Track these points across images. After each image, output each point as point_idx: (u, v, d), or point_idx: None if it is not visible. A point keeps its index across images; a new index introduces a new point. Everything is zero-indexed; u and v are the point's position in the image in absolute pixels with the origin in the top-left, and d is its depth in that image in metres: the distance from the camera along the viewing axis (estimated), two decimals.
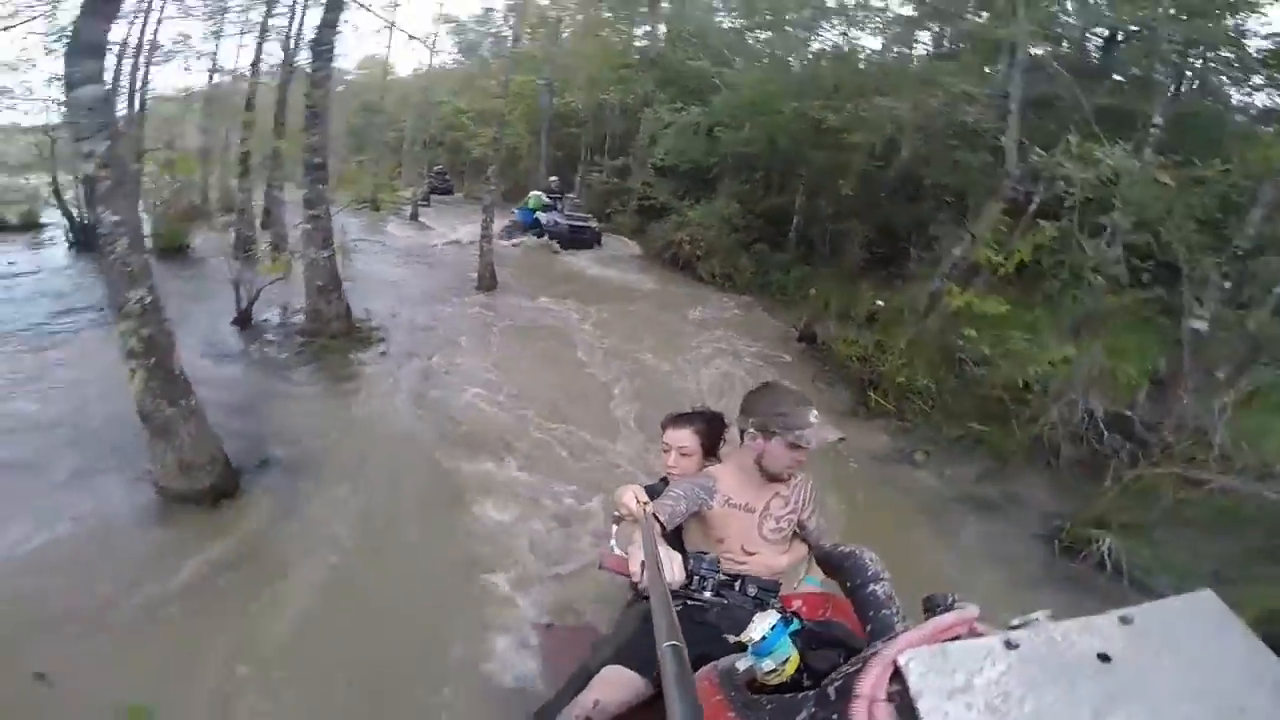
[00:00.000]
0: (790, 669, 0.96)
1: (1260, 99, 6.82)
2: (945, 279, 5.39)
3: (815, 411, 1.51)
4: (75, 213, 8.69)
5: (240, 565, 2.81)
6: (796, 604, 1.32)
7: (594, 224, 11.99)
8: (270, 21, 9.51)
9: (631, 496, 1.43)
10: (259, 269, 5.51)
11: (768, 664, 0.96)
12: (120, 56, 8.63)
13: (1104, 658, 0.61)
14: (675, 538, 1.63)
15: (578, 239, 11.55)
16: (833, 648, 1.02)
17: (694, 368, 6.14)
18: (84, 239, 8.69)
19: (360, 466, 3.69)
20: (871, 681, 0.66)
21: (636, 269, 10.96)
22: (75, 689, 2.13)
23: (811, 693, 0.83)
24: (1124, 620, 0.64)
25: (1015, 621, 0.68)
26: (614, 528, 1.53)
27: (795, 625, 1.01)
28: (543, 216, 11.68)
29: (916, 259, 6.79)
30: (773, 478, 1.56)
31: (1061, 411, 4.32)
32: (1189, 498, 3.53)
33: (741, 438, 1.61)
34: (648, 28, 16.32)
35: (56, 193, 8.77)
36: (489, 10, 19.66)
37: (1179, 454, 3.91)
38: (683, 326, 7.59)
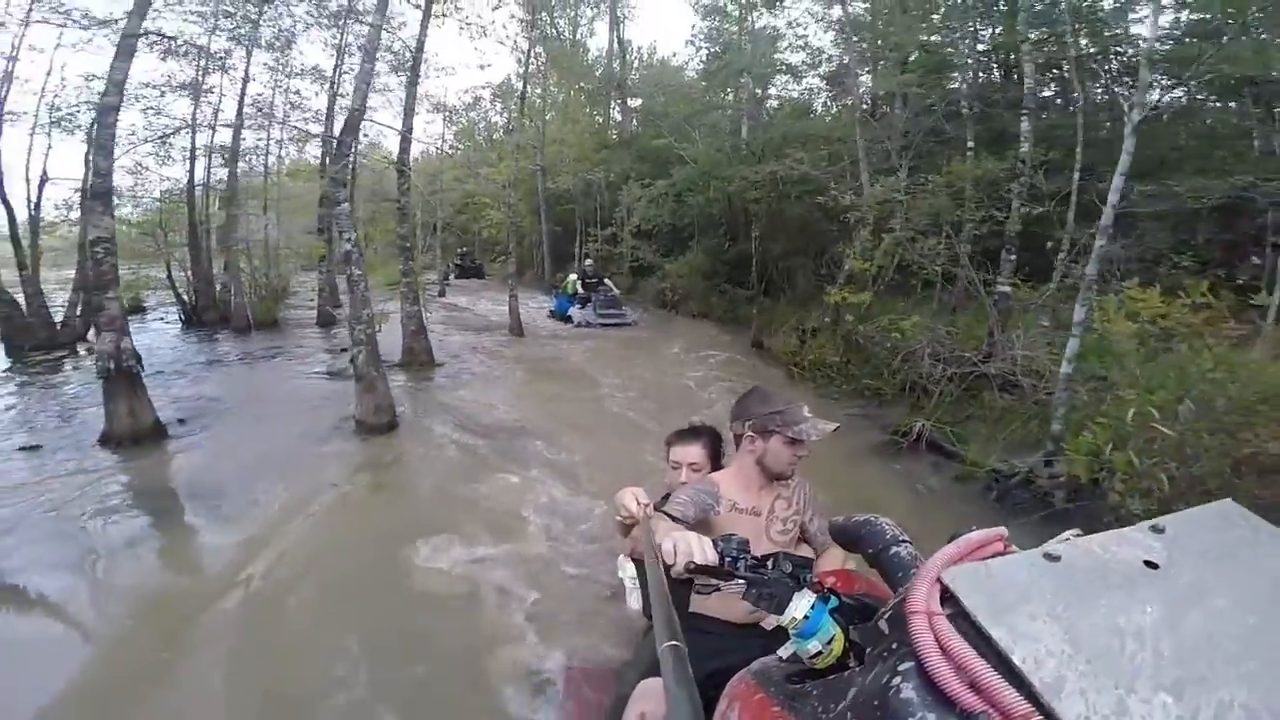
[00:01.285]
0: (838, 648, 0.91)
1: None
2: (840, 287, 7.78)
3: (807, 409, 1.55)
4: (186, 296, 11.26)
5: (393, 462, 5.00)
6: (830, 581, 1.24)
7: (629, 317, 11.90)
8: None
9: (632, 499, 1.42)
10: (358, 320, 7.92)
11: (814, 645, 0.92)
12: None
13: (1151, 564, 0.61)
14: None
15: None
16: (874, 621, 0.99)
17: (679, 370, 8.43)
18: (193, 317, 11.24)
19: (447, 418, 5.95)
20: (923, 596, 0.63)
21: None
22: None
23: (858, 667, 0.79)
24: (1156, 529, 0.65)
25: (1049, 544, 0.67)
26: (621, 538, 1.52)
27: (834, 602, 0.97)
28: (575, 313, 11.88)
29: (830, 278, 9.21)
30: (775, 477, 1.61)
31: (915, 362, 6.59)
32: (989, 402, 5.70)
33: (737, 442, 1.66)
34: (618, 116, 19.74)
35: (170, 280, 11.31)
36: (478, 99, 21.31)
37: (990, 378, 6.09)
38: (668, 350, 9.93)
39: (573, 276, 12.65)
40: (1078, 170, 6.91)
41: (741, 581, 1.01)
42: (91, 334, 9.52)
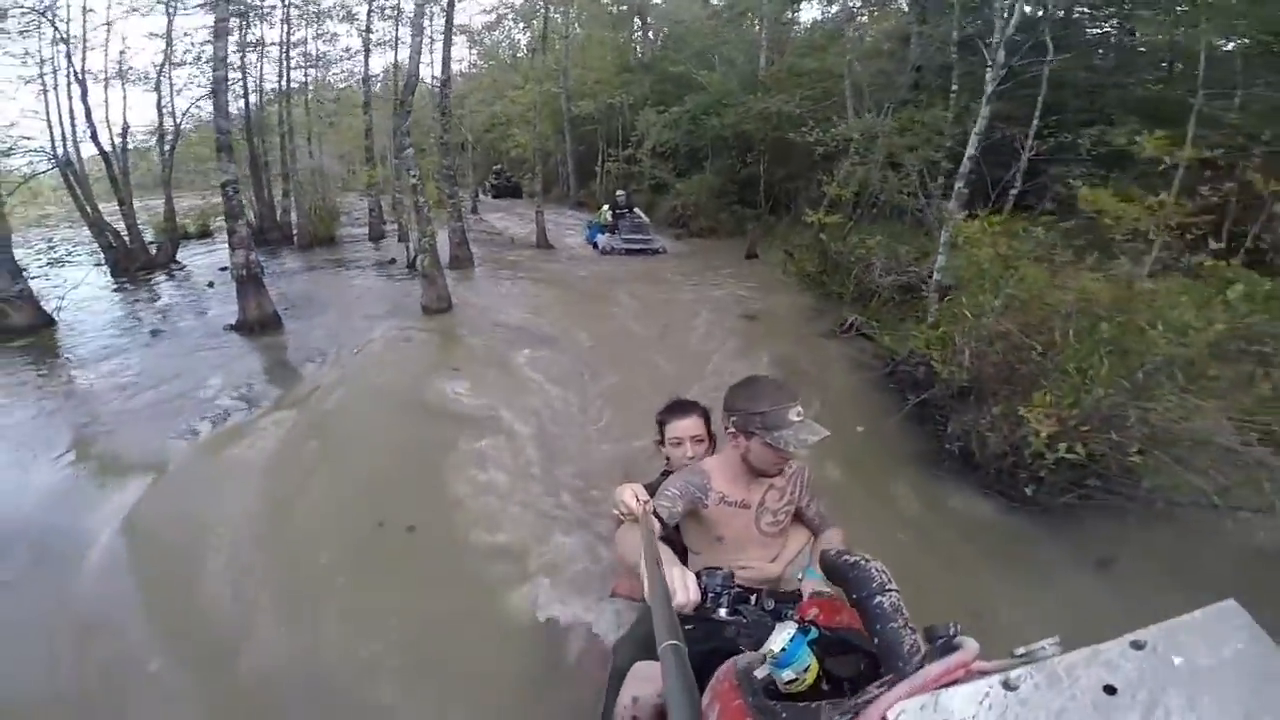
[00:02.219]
0: (811, 677, 0.98)
1: None
2: (824, 210, 9.02)
3: (798, 409, 1.48)
4: (251, 219, 13.00)
5: (444, 329, 6.75)
6: (813, 612, 1.32)
7: (656, 243, 11.97)
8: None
9: (631, 495, 1.45)
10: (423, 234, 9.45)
11: (788, 674, 0.98)
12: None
13: (1109, 690, 0.59)
14: (675, 535, 1.68)
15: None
16: (852, 653, 1.04)
17: (683, 276, 9.90)
18: (259, 237, 13.02)
19: (484, 301, 7.70)
20: None
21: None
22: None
23: (825, 703, 0.84)
24: (1136, 645, 0.63)
25: (1020, 650, 0.67)
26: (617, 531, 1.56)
27: (813, 634, 1.02)
28: (600, 239, 12.08)
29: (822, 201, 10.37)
30: (761, 474, 1.58)
31: (870, 273, 7.95)
32: (924, 306, 7.09)
33: (725, 435, 1.62)
34: (640, 34, 20.07)
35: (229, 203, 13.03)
36: (500, 18, 21.32)
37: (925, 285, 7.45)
38: (676, 260, 11.35)
39: (605, 208, 12.69)
40: (1036, 120, 7.84)
41: (723, 621, 1.07)
42: (180, 254, 11.51)
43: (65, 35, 10.50)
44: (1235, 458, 2.81)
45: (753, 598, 1.24)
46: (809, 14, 15.35)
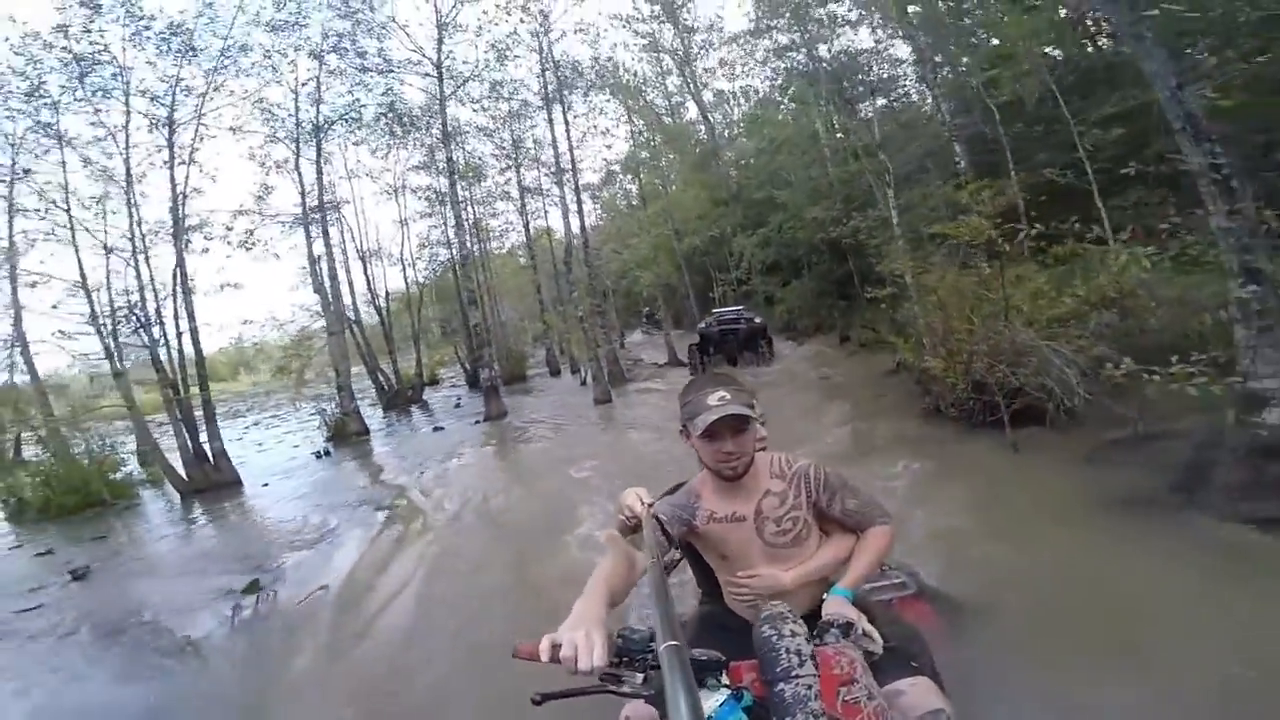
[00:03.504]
0: None
1: None
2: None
3: (721, 393, 1.38)
4: (467, 367, 18.18)
5: (614, 412, 10.08)
6: (748, 677, 1.15)
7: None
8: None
9: (635, 499, 1.46)
10: (591, 357, 13.44)
11: None
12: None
13: None
14: (692, 555, 1.62)
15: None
16: None
17: (803, 360, 12.72)
18: (475, 378, 18.06)
19: (634, 399, 11.03)
20: None
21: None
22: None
23: None
24: None
25: None
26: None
27: (747, 700, 0.97)
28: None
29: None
30: (729, 478, 1.44)
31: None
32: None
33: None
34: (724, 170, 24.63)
35: (458, 356, 18.34)
36: (611, 171, 24.78)
37: None
38: (790, 351, 14.20)
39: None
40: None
41: (637, 687, 0.97)
42: (425, 392, 16.55)
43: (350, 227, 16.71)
44: (1057, 369, 5.05)
45: None
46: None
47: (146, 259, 9.48)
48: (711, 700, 0.93)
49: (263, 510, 7.69)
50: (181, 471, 9.06)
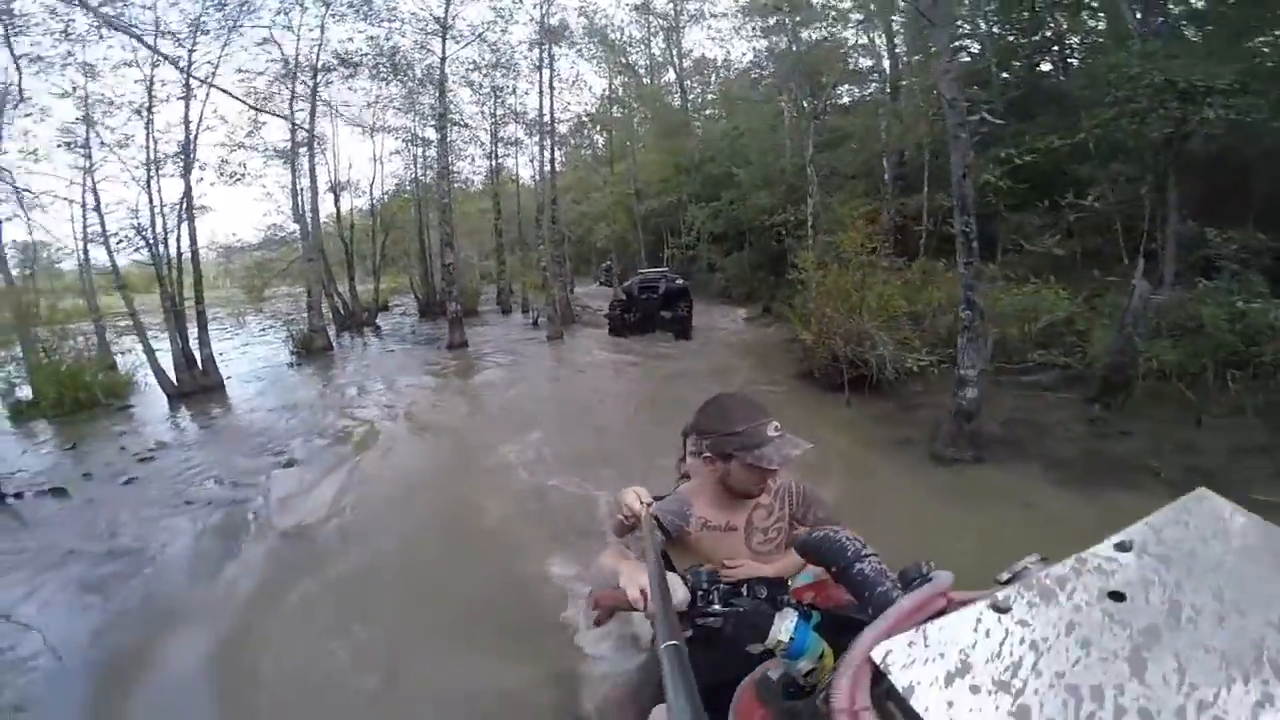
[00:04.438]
0: (829, 663, 0.95)
1: None
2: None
3: (775, 423, 1.47)
4: (422, 294, 19.43)
5: (565, 344, 11.97)
6: (809, 595, 1.30)
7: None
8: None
9: (634, 498, 1.50)
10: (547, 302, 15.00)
11: (804, 664, 0.96)
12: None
13: (1116, 596, 0.58)
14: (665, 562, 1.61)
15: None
16: (860, 629, 0.99)
17: (729, 323, 14.83)
18: (426, 309, 19.37)
19: (580, 334, 12.93)
20: (846, 691, 0.62)
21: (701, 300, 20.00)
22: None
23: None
24: (1121, 547, 0.63)
25: (1003, 575, 0.68)
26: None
27: (816, 618, 1.01)
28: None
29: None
30: (744, 496, 1.56)
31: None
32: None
33: (701, 459, 1.60)
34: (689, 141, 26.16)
35: (412, 284, 19.54)
36: (581, 124, 26.06)
37: None
38: (721, 316, 16.33)
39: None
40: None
41: (718, 616, 1.05)
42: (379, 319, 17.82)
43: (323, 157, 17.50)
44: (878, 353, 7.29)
45: (744, 588, 1.13)
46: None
47: (159, 186, 10.44)
48: (787, 621, 0.97)
49: (257, 410, 9.20)
50: (172, 375, 10.27)
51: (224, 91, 11.37)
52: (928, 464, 5.50)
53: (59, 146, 10.22)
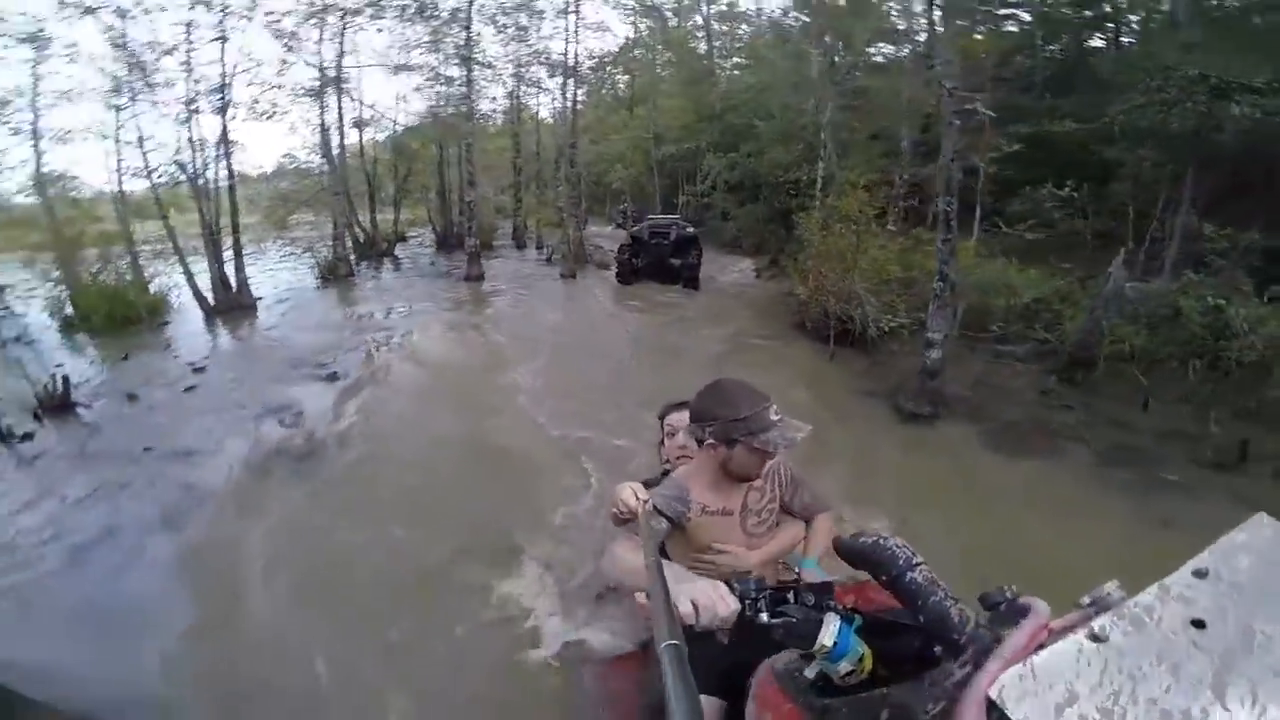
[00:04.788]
0: (867, 665, 0.97)
1: None
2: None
3: (774, 407, 1.51)
4: (440, 227, 19.91)
5: (579, 282, 12.61)
6: (850, 599, 1.33)
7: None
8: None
9: (631, 494, 1.53)
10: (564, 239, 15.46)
11: (844, 666, 0.97)
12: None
13: (1198, 624, 0.61)
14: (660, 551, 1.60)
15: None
16: (902, 634, 1.01)
17: (735, 274, 15.32)
18: (443, 241, 19.88)
19: (594, 272, 13.70)
20: None
21: (711, 249, 20.35)
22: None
23: (887, 689, 0.87)
24: (1198, 574, 0.66)
25: (1085, 600, 0.71)
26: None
27: (858, 621, 1.03)
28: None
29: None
30: (743, 479, 1.61)
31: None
32: None
33: (700, 444, 1.62)
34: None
35: (430, 216, 20.00)
36: (602, 62, 25.68)
37: None
38: (729, 266, 16.77)
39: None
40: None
41: (768, 626, 1.03)
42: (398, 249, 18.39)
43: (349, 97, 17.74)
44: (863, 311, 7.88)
45: (790, 595, 1.09)
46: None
47: (197, 122, 11.03)
48: (832, 625, 0.98)
49: (293, 328, 9.99)
50: (209, 295, 11.05)
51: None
52: (889, 415, 6.21)
53: (96, 90, 10.62)
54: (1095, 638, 0.62)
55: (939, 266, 6.03)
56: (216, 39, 11.00)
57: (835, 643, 0.96)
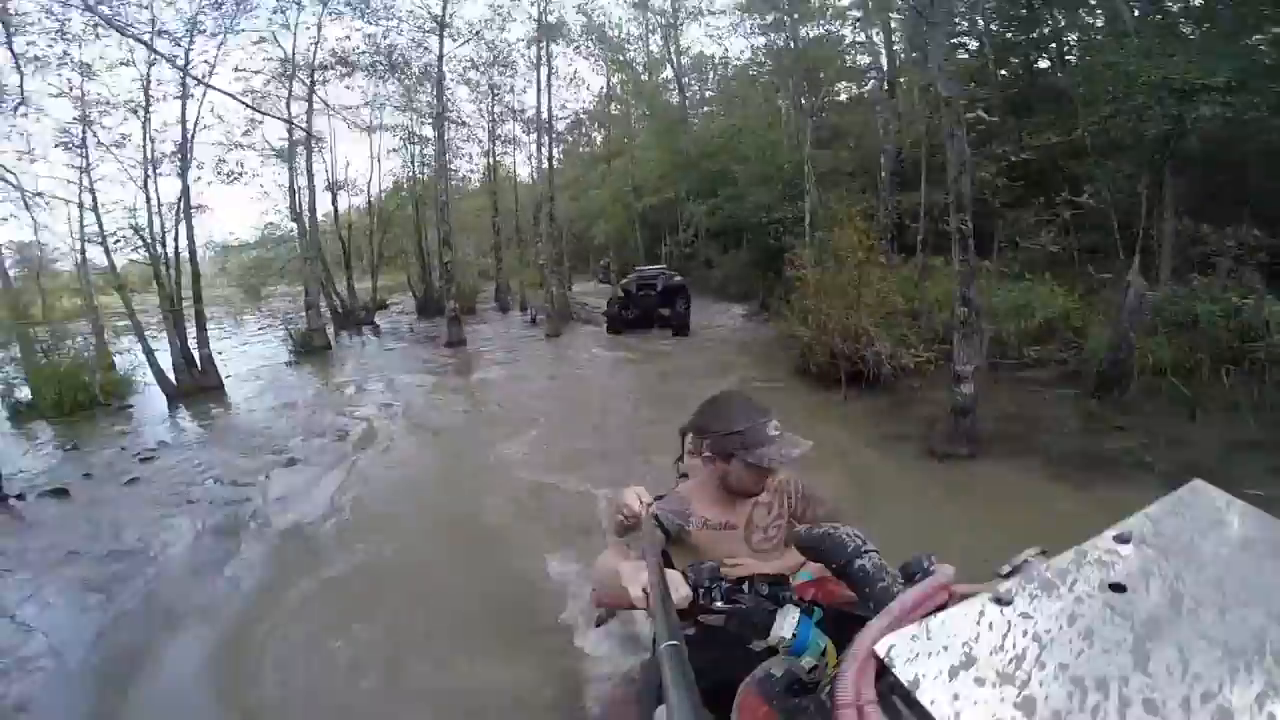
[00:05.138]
0: (832, 659, 0.96)
1: None
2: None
3: (775, 422, 1.48)
4: (420, 293, 19.44)
5: (564, 341, 12.01)
6: (811, 592, 1.32)
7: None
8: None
9: (634, 497, 1.48)
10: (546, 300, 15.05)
11: (807, 660, 0.97)
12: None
13: (1117, 587, 0.59)
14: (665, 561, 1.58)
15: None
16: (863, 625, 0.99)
17: (726, 320, 14.87)
18: (424, 307, 19.38)
19: (579, 330, 13.01)
20: (850, 683, 0.62)
21: (699, 297, 20.02)
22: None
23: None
24: (1120, 539, 0.64)
25: (1004, 568, 0.69)
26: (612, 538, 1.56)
27: (818, 614, 1.03)
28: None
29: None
30: (744, 495, 1.57)
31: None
32: None
33: (700, 458, 1.61)
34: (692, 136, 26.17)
35: (410, 282, 19.55)
36: (578, 120, 26.19)
37: None
38: (718, 313, 16.37)
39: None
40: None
41: (720, 613, 1.05)
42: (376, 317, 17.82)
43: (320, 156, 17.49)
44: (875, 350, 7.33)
45: (745, 585, 1.12)
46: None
47: (156, 185, 10.47)
48: (789, 617, 0.99)
49: (257, 410, 9.24)
50: (171, 375, 10.27)
51: (223, 92, 11.35)
52: (925, 460, 5.55)
53: (56, 146, 10.18)
54: (999, 600, 0.59)
55: (960, 291, 5.51)
56: (178, 97, 10.65)
57: (794, 635, 0.99)
